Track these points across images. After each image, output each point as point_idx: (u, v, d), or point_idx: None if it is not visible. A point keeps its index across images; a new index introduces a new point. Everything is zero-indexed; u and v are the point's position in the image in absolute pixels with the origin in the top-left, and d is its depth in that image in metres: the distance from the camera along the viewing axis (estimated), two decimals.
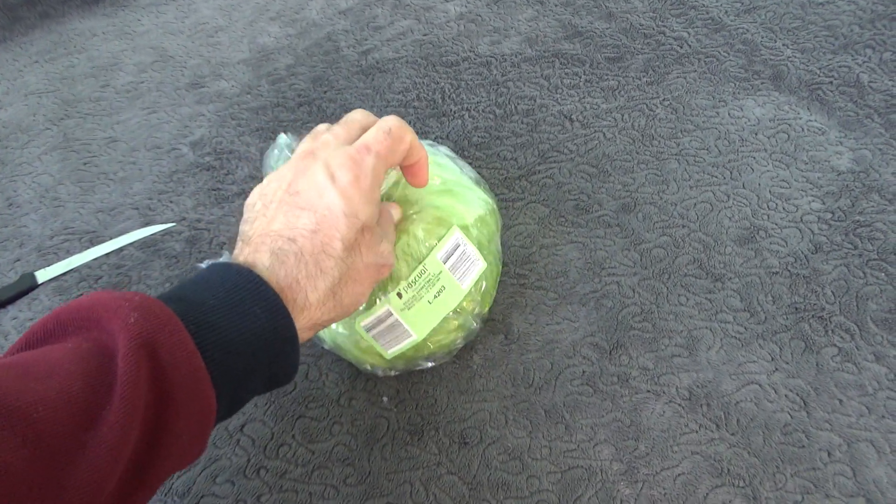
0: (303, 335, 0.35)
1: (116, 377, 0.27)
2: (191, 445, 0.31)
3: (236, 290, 0.33)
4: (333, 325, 0.45)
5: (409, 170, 0.42)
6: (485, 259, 0.46)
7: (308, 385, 0.49)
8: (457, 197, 0.47)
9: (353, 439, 0.46)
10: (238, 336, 0.31)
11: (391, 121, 0.39)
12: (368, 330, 0.44)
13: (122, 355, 0.27)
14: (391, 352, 0.45)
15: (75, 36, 0.92)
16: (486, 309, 0.49)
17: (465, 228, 0.46)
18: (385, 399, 0.48)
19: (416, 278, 0.43)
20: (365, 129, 0.40)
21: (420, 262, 0.43)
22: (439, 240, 0.44)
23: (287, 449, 0.46)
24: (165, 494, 0.45)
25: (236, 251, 0.37)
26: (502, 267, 0.54)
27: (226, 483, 0.45)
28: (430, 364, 0.47)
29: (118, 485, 0.27)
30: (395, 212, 0.44)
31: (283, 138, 0.46)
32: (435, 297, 0.44)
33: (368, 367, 0.47)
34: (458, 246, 0.45)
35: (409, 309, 0.44)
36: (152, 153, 0.72)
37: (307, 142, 0.40)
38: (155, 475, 0.29)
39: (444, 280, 0.44)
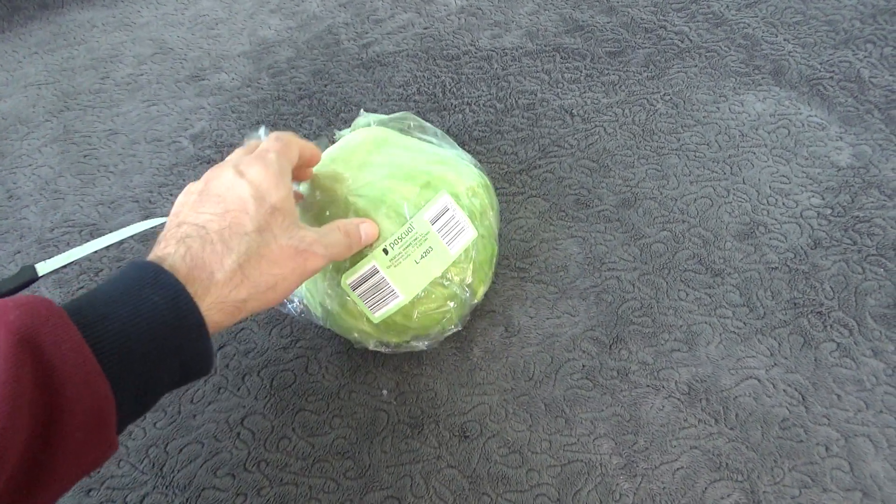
0: (215, 317, 0.34)
1: None
2: (91, 442, 0.30)
3: (134, 282, 0.32)
4: (321, 287, 0.45)
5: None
6: (476, 229, 0.46)
7: (308, 378, 0.50)
8: (448, 166, 0.47)
9: (352, 432, 0.46)
10: (134, 326, 0.31)
11: (278, 132, 0.43)
12: (354, 288, 0.44)
13: (1, 355, 0.26)
14: (378, 314, 0.44)
15: (75, 27, 0.92)
16: (481, 287, 0.49)
17: (455, 195, 0.46)
18: (385, 392, 0.48)
19: (403, 235, 0.43)
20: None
21: (407, 221, 0.44)
22: (427, 202, 0.45)
23: (287, 442, 0.46)
24: (167, 487, 0.45)
25: (150, 254, 0.36)
26: (502, 259, 0.55)
27: (227, 476, 0.45)
28: (422, 346, 0.47)
29: (7, 486, 0.26)
30: (368, 228, 0.44)
31: (263, 130, 0.46)
32: (422, 256, 0.44)
33: (356, 336, 0.46)
34: (446, 209, 0.45)
35: (395, 267, 0.44)
36: (152, 146, 0.72)
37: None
38: (55, 474, 0.29)
39: (431, 241, 0.44)
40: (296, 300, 0.48)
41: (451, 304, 0.46)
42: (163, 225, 0.38)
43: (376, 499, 0.43)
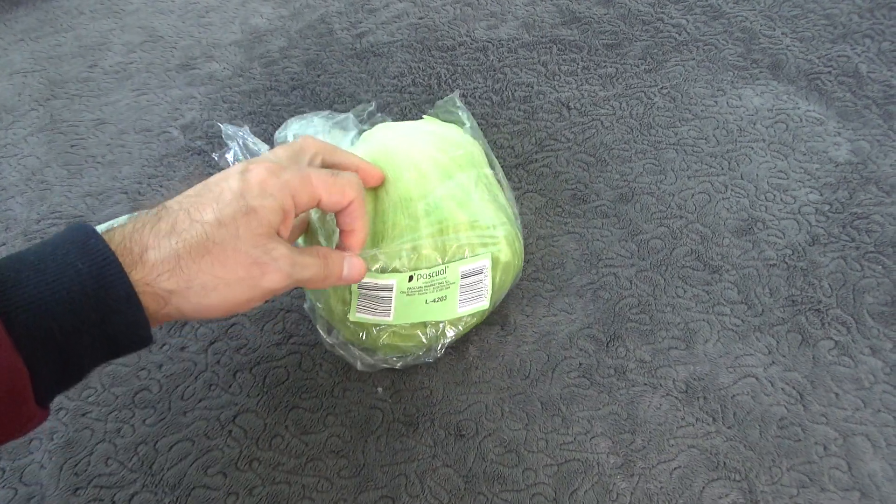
0: (145, 299, 0.31)
1: None
2: (5, 415, 0.28)
3: (60, 245, 0.30)
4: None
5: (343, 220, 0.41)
6: (489, 303, 0.45)
7: (302, 375, 0.49)
8: (504, 227, 0.46)
9: (347, 431, 0.46)
10: (52, 294, 0.29)
11: (350, 177, 0.39)
12: (361, 287, 0.43)
13: None
14: (358, 316, 0.44)
15: (62, 14, 0.90)
16: (445, 339, 0.46)
17: (494, 261, 0.45)
18: (380, 390, 0.47)
19: (434, 275, 0.43)
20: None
21: (446, 263, 0.43)
22: (473, 255, 0.44)
23: (280, 440, 0.46)
24: (156, 486, 0.44)
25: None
26: None
27: (218, 475, 0.44)
28: (397, 363, 0.46)
29: None
30: (355, 264, 0.40)
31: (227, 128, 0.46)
32: (434, 301, 0.43)
33: (326, 319, 0.46)
34: (480, 272, 0.44)
35: (407, 296, 0.43)
36: (141, 136, 0.70)
37: None
38: None
39: (451, 291, 0.44)
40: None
41: (418, 348, 0.45)
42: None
43: (371, 498, 0.43)
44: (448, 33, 0.76)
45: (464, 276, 0.44)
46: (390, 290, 0.43)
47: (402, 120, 0.58)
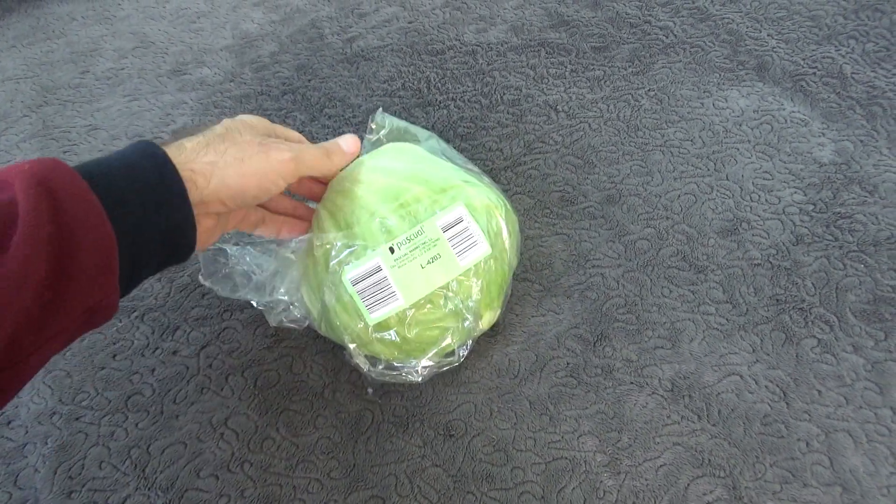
0: (190, 176, 0.38)
1: (18, 212, 0.31)
2: (98, 283, 0.34)
3: (130, 152, 0.38)
4: (321, 279, 0.44)
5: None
6: (490, 247, 0.44)
7: (292, 378, 0.49)
8: (470, 183, 0.46)
9: (337, 432, 0.46)
10: (127, 183, 0.36)
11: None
12: (355, 283, 0.43)
13: (21, 193, 0.31)
14: (375, 316, 0.43)
15: (54, 20, 0.90)
16: (487, 313, 0.46)
17: (471, 208, 0.45)
18: (370, 391, 0.48)
19: (412, 237, 0.43)
20: None
21: (419, 223, 0.43)
22: (442, 209, 0.44)
23: (271, 442, 0.46)
24: (149, 489, 0.45)
25: None
26: None
27: (209, 477, 0.45)
28: (416, 377, 0.45)
29: (28, 312, 0.31)
30: (348, 139, 0.47)
31: None
32: (429, 262, 0.43)
33: (349, 341, 0.44)
34: (460, 220, 0.44)
35: (399, 268, 0.42)
36: (134, 142, 0.70)
37: None
38: (67, 307, 0.33)
39: (440, 248, 0.43)
40: (295, 304, 0.47)
41: (452, 322, 0.44)
42: None
43: (361, 498, 0.43)
44: (437, 37, 0.77)
45: (445, 230, 0.44)
46: (380, 268, 0.43)
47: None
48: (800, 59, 0.67)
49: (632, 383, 0.47)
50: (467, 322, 0.44)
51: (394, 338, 0.44)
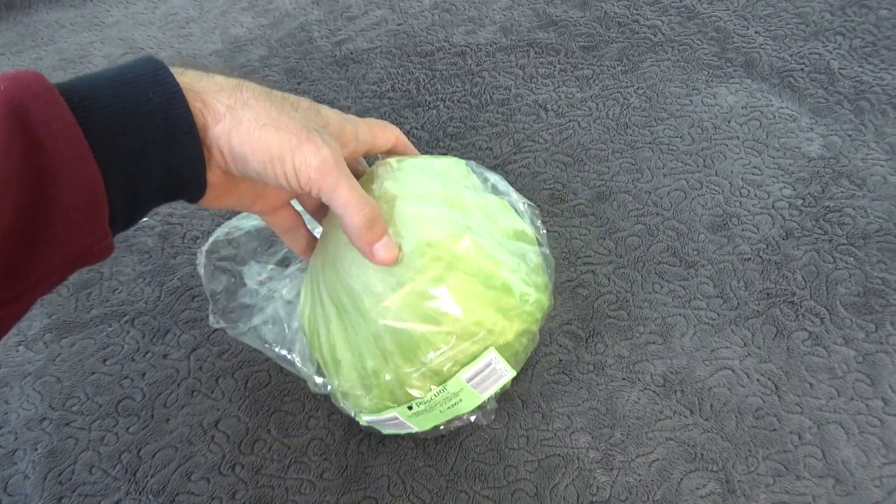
0: (203, 118, 0.33)
1: None
2: (84, 225, 0.30)
3: (132, 73, 0.31)
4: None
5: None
6: (514, 368, 0.40)
7: (283, 379, 0.49)
8: (506, 296, 0.38)
9: (329, 433, 0.46)
10: (125, 115, 0.30)
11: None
12: (370, 422, 0.41)
13: None
14: (386, 432, 0.43)
15: (43, 27, 0.90)
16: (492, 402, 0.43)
17: (504, 347, 0.38)
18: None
19: (434, 397, 0.38)
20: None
21: (442, 383, 0.38)
22: (471, 361, 0.37)
23: (262, 444, 0.46)
24: (140, 493, 0.44)
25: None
26: None
27: (201, 480, 0.45)
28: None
29: None
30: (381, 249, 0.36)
31: None
32: (448, 407, 0.40)
33: (340, 399, 0.41)
34: (488, 366, 0.38)
35: (417, 416, 0.40)
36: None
37: None
38: (46, 259, 0.29)
39: (462, 394, 0.39)
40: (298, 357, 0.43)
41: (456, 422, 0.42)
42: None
43: (354, 499, 0.43)
44: (426, 39, 0.77)
45: (471, 379, 0.38)
46: (397, 418, 0.39)
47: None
48: (787, 56, 0.68)
49: (624, 379, 0.47)
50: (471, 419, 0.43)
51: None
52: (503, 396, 0.46)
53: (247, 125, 0.32)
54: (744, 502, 0.40)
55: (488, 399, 0.41)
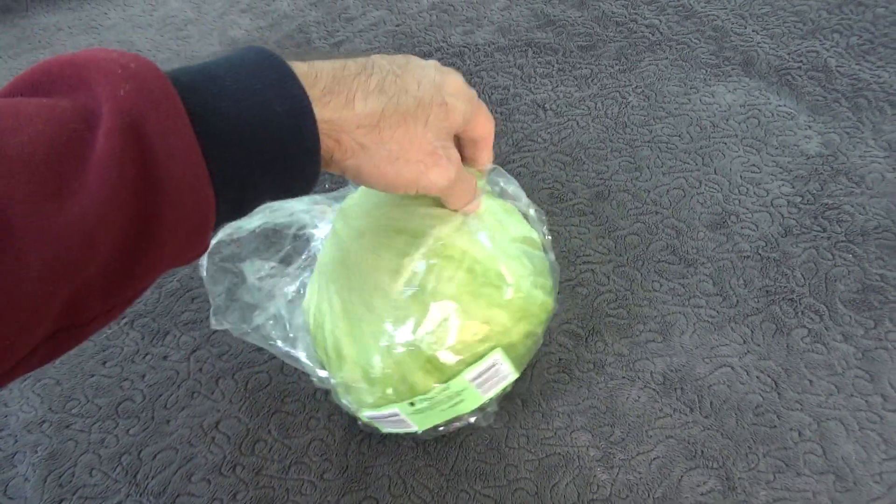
0: (330, 145, 0.31)
1: (93, 152, 0.24)
2: (190, 242, 0.28)
3: (258, 80, 0.28)
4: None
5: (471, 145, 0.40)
6: (517, 370, 0.41)
7: (283, 380, 0.49)
8: (514, 298, 0.39)
9: (329, 434, 0.46)
10: (248, 133, 0.28)
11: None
12: (371, 418, 0.41)
13: (104, 132, 0.24)
14: (386, 431, 0.43)
15: (40, 31, 0.90)
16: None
17: (509, 347, 0.39)
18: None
19: (437, 395, 0.39)
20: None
21: (446, 381, 0.38)
22: (476, 361, 0.38)
23: (263, 445, 0.46)
24: (141, 495, 0.44)
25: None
26: None
27: (201, 481, 0.45)
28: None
29: (103, 271, 0.25)
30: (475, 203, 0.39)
31: None
32: (450, 406, 0.40)
33: (340, 396, 0.42)
34: (493, 366, 0.39)
35: (418, 414, 0.40)
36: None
37: None
38: (146, 272, 0.27)
39: (465, 394, 0.39)
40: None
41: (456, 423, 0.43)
42: None
43: (355, 499, 0.43)
44: (425, 39, 0.77)
45: (474, 378, 0.39)
46: (397, 414, 0.40)
47: None
48: (785, 54, 0.68)
49: (624, 377, 0.47)
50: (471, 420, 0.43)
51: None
52: (503, 396, 0.46)
53: (378, 161, 0.32)
54: (744, 499, 0.40)
55: (489, 401, 0.41)
